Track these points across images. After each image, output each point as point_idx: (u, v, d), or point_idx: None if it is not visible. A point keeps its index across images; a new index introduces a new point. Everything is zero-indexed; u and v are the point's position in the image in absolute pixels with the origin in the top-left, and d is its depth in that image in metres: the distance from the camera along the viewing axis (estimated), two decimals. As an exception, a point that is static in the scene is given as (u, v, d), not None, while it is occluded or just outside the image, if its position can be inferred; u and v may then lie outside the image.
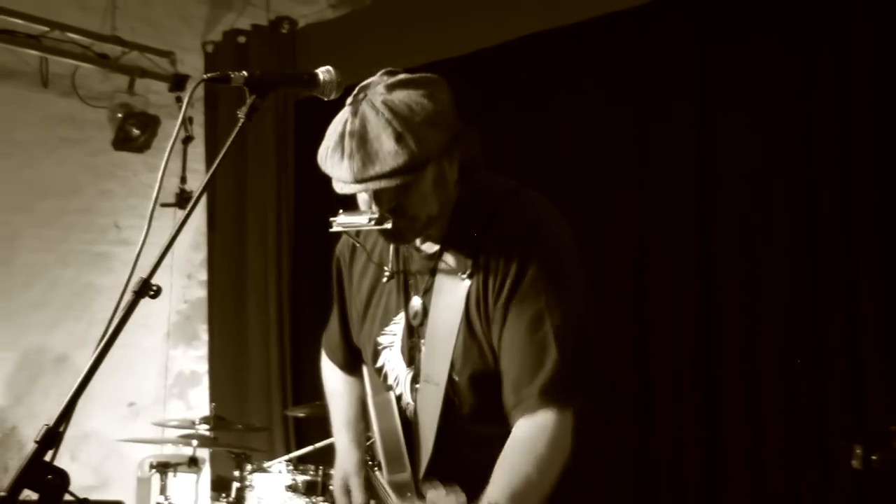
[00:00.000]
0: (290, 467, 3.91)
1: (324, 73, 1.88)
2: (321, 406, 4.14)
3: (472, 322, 1.87)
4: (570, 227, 1.97)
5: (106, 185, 6.53)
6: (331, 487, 2.23)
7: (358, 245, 2.09)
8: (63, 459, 1.60)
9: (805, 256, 3.92)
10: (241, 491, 3.98)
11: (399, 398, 2.00)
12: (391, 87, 1.80)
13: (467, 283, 1.87)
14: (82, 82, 6.20)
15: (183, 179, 5.86)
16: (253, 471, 3.98)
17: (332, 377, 2.34)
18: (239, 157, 6.03)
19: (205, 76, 1.87)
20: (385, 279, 2.02)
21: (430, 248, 1.95)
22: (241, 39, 6.22)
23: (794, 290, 3.95)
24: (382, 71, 1.87)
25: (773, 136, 4.07)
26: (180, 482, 4.67)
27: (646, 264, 4.43)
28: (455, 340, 1.86)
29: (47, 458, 1.56)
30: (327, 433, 3.93)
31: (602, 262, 4.40)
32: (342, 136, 1.77)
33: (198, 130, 6.21)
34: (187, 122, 5.89)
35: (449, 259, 1.92)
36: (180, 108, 6.21)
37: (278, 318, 5.95)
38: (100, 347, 1.64)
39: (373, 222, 1.80)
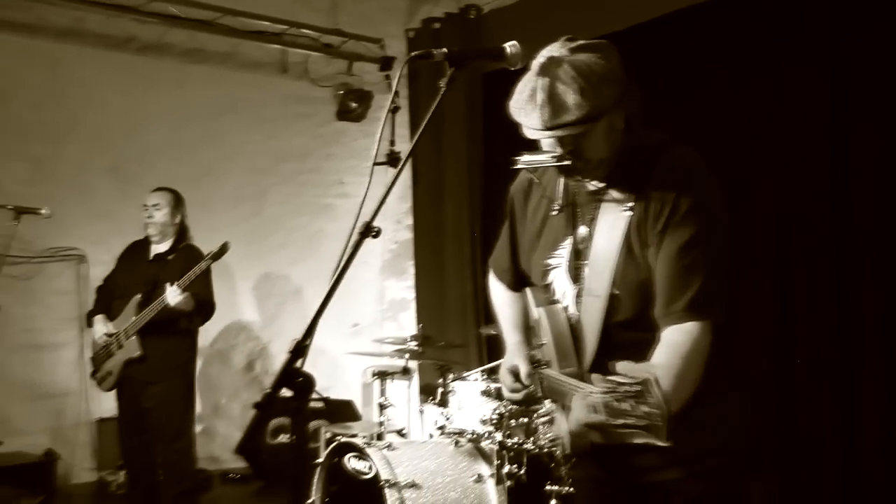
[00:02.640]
0: (484, 376, 3.94)
1: (510, 47, 1.90)
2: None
3: (632, 245, 1.88)
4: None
5: (331, 149, 6.75)
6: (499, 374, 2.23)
7: (533, 183, 2.12)
8: (307, 367, 1.65)
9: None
10: (444, 395, 4.04)
11: (565, 309, 2.02)
12: (573, 51, 1.82)
13: (628, 213, 1.89)
14: (312, 67, 6.42)
15: (392, 143, 5.91)
16: (454, 379, 4.03)
17: (500, 291, 2.36)
18: (437, 123, 6.07)
19: (413, 54, 1.90)
20: (554, 212, 2.04)
21: (596, 185, 1.96)
22: (436, 25, 6.24)
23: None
24: (563, 38, 1.87)
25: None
26: (395, 387, 4.82)
27: (784, 225, 4.17)
28: (616, 260, 1.89)
29: (297, 365, 1.62)
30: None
31: (743, 215, 4.16)
32: (534, 91, 1.80)
33: (402, 102, 6.29)
34: (395, 95, 5.96)
35: (612, 193, 1.93)
36: (390, 84, 6.32)
37: (471, 254, 6.01)
38: (334, 278, 1.69)
39: (554, 160, 1.84)
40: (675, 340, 1.81)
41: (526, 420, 3.50)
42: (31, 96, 5.63)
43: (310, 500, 3.78)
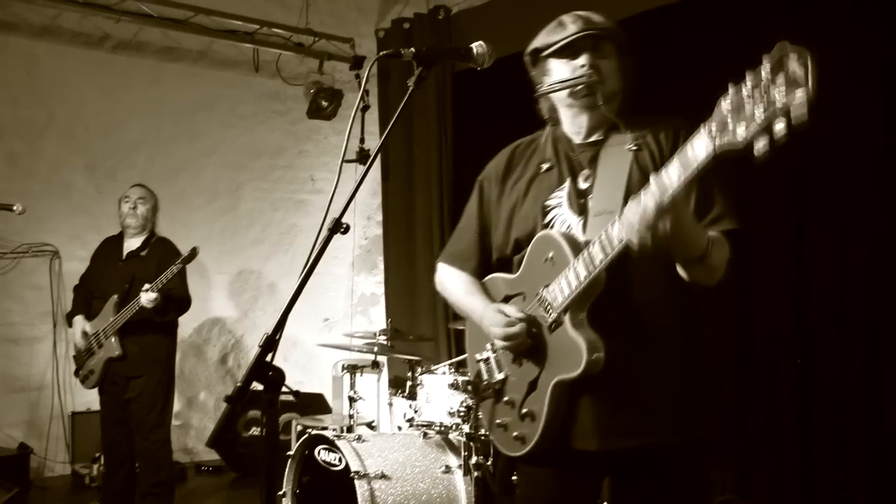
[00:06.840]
0: (452, 370, 3.90)
1: (477, 46, 1.90)
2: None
3: (645, 169, 1.90)
4: None
5: (303, 146, 6.70)
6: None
7: (515, 155, 2.14)
8: (278, 360, 1.63)
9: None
10: (413, 388, 3.99)
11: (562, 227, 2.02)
12: None
13: (635, 148, 1.95)
14: (284, 66, 6.35)
15: (362, 140, 5.89)
16: (422, 372, 3.99)
17: (451, 276, 2.33)
18: (407, 120, 6.02)
19: (381, 53, 1.88)
20: (544, 170, 2.06)
21: (594, 138, 2.02)
22: (406, 26, 6.18)
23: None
24: None
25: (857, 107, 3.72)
26: (365, 381, 4.77)
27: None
28: (627, 177, 1.90)
29: (268, 359, 1.60)
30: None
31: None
32: (562, 20, 1.99)
33: (372, 100, 6.25)
34: (365, 93, 5.93)
35: (614, 138, 1.99)
36: (360, 83, 6.27)
37: (441, 250, 5.96)
38: (303, 274, 1.66)
39: (577, 77, 1.93)
40: None
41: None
42: (7, 93, 5.52)
43: (282, 492, 3.75)
